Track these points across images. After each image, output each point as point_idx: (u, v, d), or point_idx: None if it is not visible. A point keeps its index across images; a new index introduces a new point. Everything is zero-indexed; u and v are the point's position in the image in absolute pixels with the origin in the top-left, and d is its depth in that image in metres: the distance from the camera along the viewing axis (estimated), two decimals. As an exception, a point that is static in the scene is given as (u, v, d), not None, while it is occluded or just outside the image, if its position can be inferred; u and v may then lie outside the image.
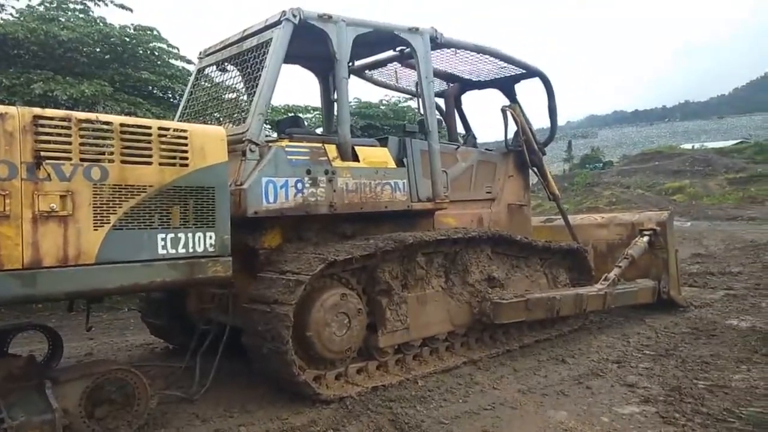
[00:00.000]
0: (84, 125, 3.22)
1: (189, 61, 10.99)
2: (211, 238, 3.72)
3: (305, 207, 4.67)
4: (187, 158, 3.62)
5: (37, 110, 3.11)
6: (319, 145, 4.92)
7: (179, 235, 3.58)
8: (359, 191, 5.04)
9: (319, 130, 7.69)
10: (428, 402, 4.32)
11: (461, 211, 6.44)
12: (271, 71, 4.68)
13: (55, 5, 10.29)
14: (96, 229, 3.23)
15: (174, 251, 3.56)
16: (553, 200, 7.68)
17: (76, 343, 6.56)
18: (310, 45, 5.15)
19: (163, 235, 3.52)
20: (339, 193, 4.89)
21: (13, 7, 10.40)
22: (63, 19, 9.80)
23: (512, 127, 7.30)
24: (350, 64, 5.81)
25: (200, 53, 5.86)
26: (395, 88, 8.22)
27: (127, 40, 10.01)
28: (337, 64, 5.08)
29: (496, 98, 7.68)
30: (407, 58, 6.64)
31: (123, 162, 3.34)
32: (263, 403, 4.29)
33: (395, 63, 7.15)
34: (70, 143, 3.15)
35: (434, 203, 5.65)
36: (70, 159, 3.14)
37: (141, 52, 10.38)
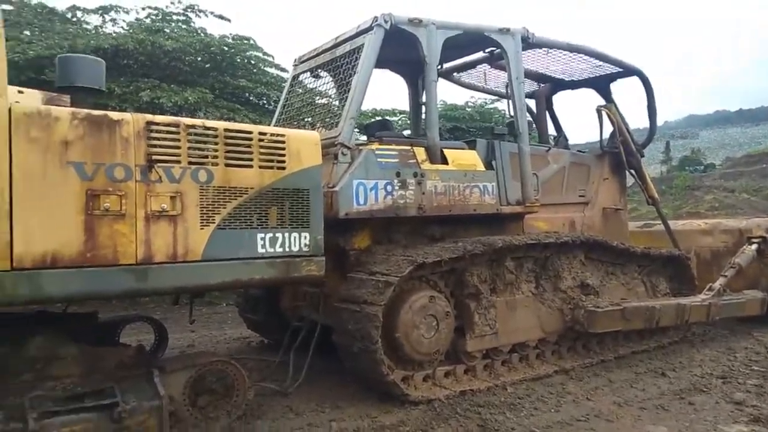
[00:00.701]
0: (191, 130, 3.42)
1: (283, 69, 11.45)
2: (305, 238, 3.84)
3: (394, 209, 4.72)
4: (284, 161, 3.75)
5: (150, 116, 3.34)
6: (408, 147, 4.96)
7: (276, 234, 3.72)
8: (448, 194, 5.03)
9: (406, 133, 7.74)
10: (518, 410, 4.23)
11: (552, 215, 6.27)
12: (362, 76, 4.77)
13: (160, 17, 11.01)
14: (202, 228, 3.42)
15: (272, 250, 3.70)
16: (651, 204, 7.31)
17: (179, 335, 6.97)
18: (399, 49, 5.20)
19: (262, 235, 3.67)
20: (428, 196, 4.90)
21: (123, 21, 11.26)
22: (167, 30, 10.48)
23: (608, 128, 7.03)
24: (439, 66, 5.81)
25: (295, 60, 6.08)
26: (484, 90, 8.14)
27: (226, 49, 10.55)
28: (427, 68, 5.10)
29: (588, 98, 7.43)
30: (497, 59, 6.56)
31: (227, 165, 3.52)
32: (353, 401, 4.37)
33: (484, 64, 7.08)
34: (179, 147, 3.36)
35: (524, 206, 5.54)
36: (179, 162, 3.35)
37: (238, 60, 10.89)
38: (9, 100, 2.92)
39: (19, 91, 3.81)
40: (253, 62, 11.19)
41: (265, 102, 11.33)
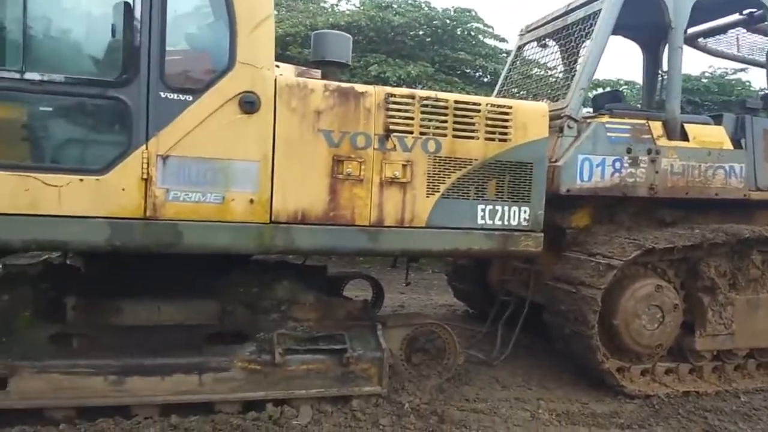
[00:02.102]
0: (425, 102, 3.57)
1: (502, 40, 11.30)
2: (525, 212, 3.80)
3: (622, 188, 4.42)
4: (509, 133, 3.73)
5: (389, 89, 3.56)
6: (643, 121, 4.57)
7: (496, 207, 3.74)
8: (686, 174, 4.55)
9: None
10: (754, 421, 3.76)
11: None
12: (597, 43, 4.49)
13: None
14: (428, 197, 3.58)
15: (491, 222, 3.73)
16: None
17: (390, 295, 7.39)
18: (638, 14, 4.78)
19: (483, 206, 3.71)
20: (662, 176, 4.49)
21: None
22: (395, 6, 10.94)
23: None
24: (684, 32, 5.21)
25: (521, 30, 5.94)
26: (734, 58, 7.09)
27: (448, 21, 10.70)
28: (672, 33, 4.61)
29: None
30: (757, 22, 5.66)
31: (454, 136, 3.61)
32: (561, 383, 4.28)
33: (738, 28, 6.16)
34: (412, 118, 3.53)
35: (779, 193, 4.78)
36: (411, 132, 3.53)
37: (459, 32, 10.99)
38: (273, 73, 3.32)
39: (276, 65, 4.32)
40: (472, 34, 11.20)
41: (480, 74, 11.31)
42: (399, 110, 3.50)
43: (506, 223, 3.77)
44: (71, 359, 3.24)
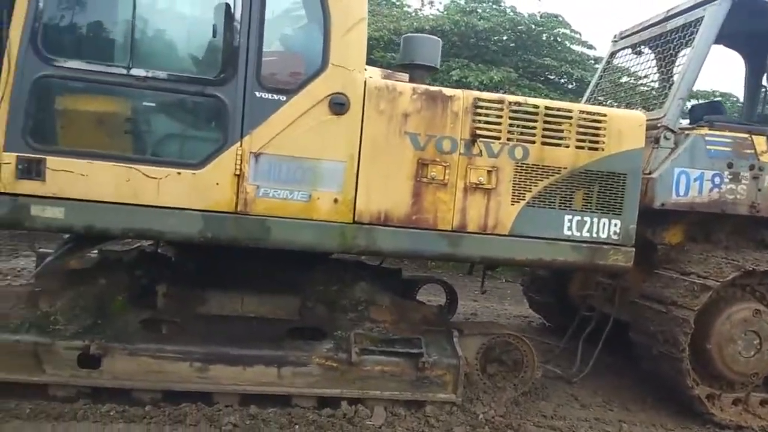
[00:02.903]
0: (514, 107, 3.50)
1: (590, 47, 10.95)
2: (616, 225, 3.64)
3: (720, 205, 4.16)
4: (602, 142, 3.59)
5: (477, 93, 3.52)
6: (746, 135, 4.29)
7: (585, 218, 3.61)
8: (793, 194, 4.22)
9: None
10: None
11: None
12: (698, 52, 4.25)
13: (472, -1, 11.45)
14: (512, 204, 3.51)
15: (578, 234, 3.61)
16: None
17: (462, 302, 7.30)
18: (742, 22, 4.51)
19: (570, 217, 3.59)
20: (765, 194, 4.19)
21: (440, 2, 12.03)
22: (479, 11, 10.84)
23: None
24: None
25: (615, 36, 5.72)
26: None
27: (533, 27, 10.49)
28: (783, 42, 4.30)
29: None
30: None
31: (543, 143, 3.52)
32: (645, 406, 4.07)
33: None
34: (500, 123, 3.47)
35: None
36: (498, 138, 3.46)
37: (544, 38, 10.75)
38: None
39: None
40: (558, 40, 10.92)
41: (565, 80, 11.01)
42: (487, 115, 3.45)
43: (595, 235, 3.63)
44: (160, 344, 3.39)
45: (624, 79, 5.40)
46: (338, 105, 3.24)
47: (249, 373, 3.39)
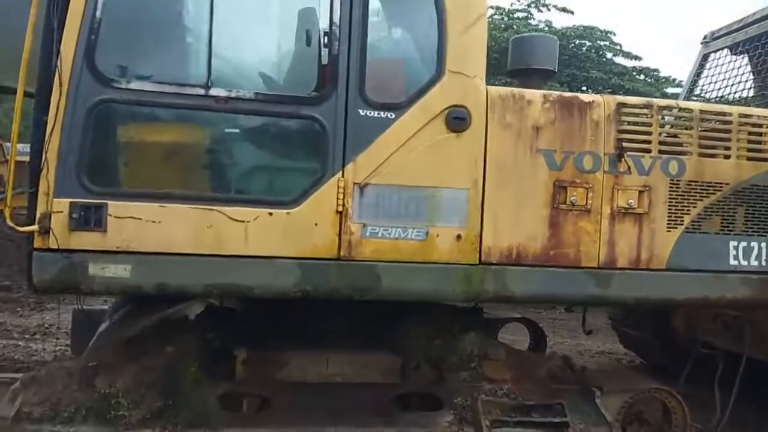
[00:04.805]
0: (664, 113, 2.91)
1: (635, 57, 10.48)
2: (789, 251, 2.99)
3: None
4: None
5: (621, 98, 2.94)
6: None
7: (752, 243, 2.98)
8: None
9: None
10: None
11: None
12: None
13: (505, 17, 11.04)
14: (669, 231, 2.88)
15: (746, 263, 2.98)
16: None
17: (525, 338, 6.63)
18: None
19: (735, 243, 2.97)
20: None
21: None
22: (515, 27, 10.37)
23: None
24: None
25: (705, 37, 5.20)
26: None
27: (576, 40, 10.05)
28: None
29: None
30: None
31: (700, 155, 2.91)
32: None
33: None
34: (650, 133, 2.86)
35: None
36: (649, 151, 2.86)
37: (584, 50, 10.29)
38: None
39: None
40: (600, 53, 10.45)
41: (611, 93, 10.52)
42: (634, 123, 2.85)
43: (765, 263, 2.98)
44: (244, 428, 2.75)
45: (726, 80, 4.81)
46: (458, 120, 2.64)
47: (359, 457, 2.73)
